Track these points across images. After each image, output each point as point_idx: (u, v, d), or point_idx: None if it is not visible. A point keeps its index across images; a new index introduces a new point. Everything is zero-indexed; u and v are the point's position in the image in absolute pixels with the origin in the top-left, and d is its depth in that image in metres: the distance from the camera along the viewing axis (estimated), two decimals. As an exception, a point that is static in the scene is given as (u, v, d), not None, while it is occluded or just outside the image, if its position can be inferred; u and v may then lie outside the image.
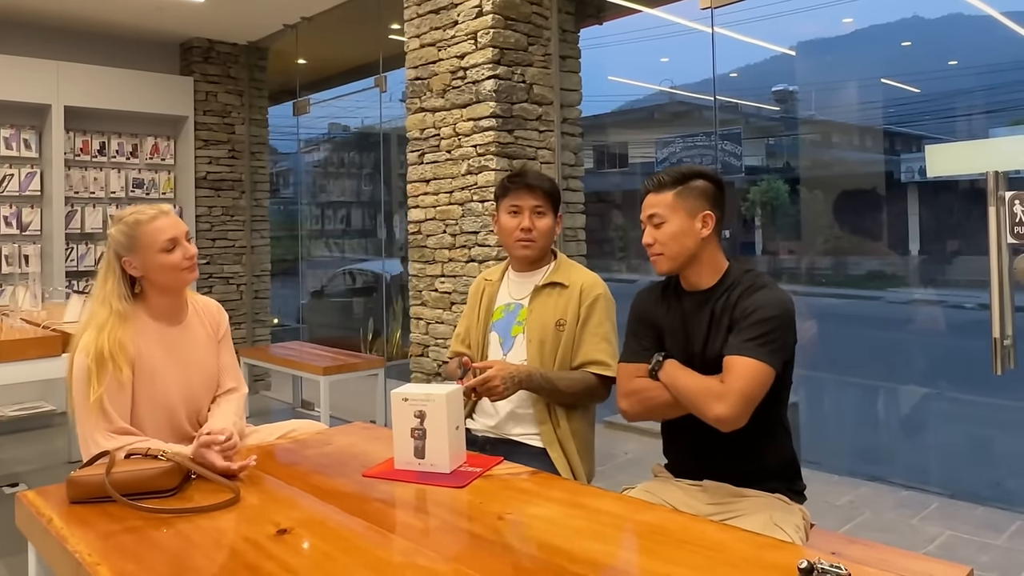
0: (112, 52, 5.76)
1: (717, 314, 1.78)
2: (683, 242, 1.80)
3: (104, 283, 1.97)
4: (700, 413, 1.69)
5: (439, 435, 1.71)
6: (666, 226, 1.80)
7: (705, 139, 8.16)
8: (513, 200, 2.28)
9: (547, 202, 2.27)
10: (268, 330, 6.63)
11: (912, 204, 9.66)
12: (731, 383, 1.66)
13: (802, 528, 1.73)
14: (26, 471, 4.12)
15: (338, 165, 14.25)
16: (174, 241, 1.95)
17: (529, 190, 2.26)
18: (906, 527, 3.32)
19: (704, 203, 1.81)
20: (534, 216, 2.25)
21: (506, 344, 2.28)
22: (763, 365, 1.66)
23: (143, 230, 1.93)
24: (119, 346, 1.87)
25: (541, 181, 2.30)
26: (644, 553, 1.37)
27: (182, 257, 1.96)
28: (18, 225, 5.38)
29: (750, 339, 1.68)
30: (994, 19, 6.25)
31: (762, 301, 1.72)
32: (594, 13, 4.28)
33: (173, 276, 1.97)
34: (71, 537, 1.41)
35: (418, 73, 4.09)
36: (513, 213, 2.28)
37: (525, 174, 2.33)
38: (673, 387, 1.76)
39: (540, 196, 2.26)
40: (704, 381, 1.72)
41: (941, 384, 6.59)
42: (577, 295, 2.21)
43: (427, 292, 4.05)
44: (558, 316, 2.20)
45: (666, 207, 1.81)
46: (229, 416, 2.00)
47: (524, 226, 2.25)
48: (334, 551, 1.33)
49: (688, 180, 1.82)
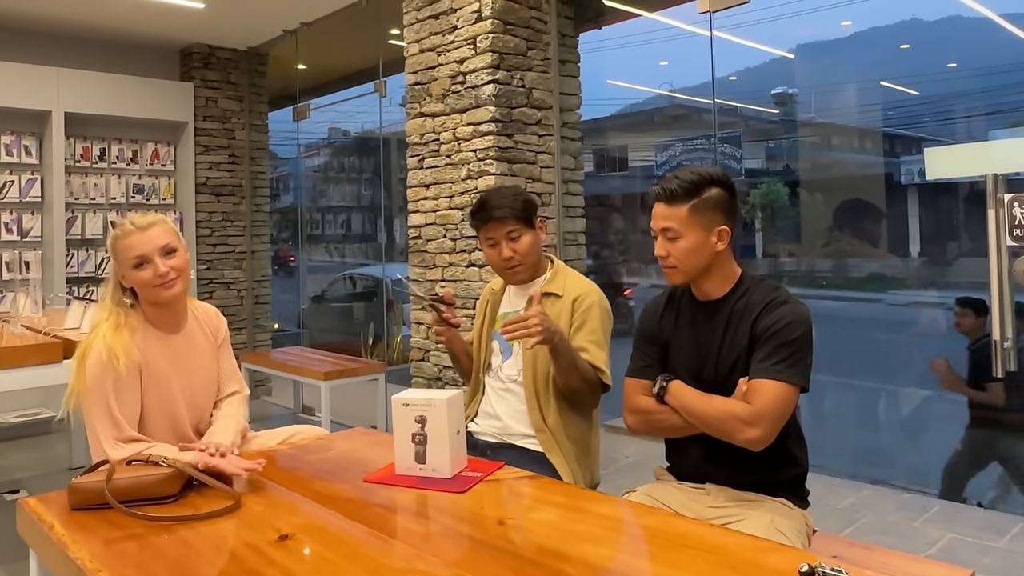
0: (112, 58, 5.77)
1: (732, 323, 1.76)
2: (698, 257, 1.77)
3: (108, 292, 1.99)
4: (727, 437, 1.67)
5: (440, 440, 1.71)
6: (681, 241, 1.76)
7: (705, 142, 8.17)
8: (486, 233, 2.24)
9: (519, 222, 2.21)
10: (269, 335, 6.63)
11: (912, 206, 9.66)
12: (761, 407, 1.63)
13: (804, 533, 1.73)
14: (27, 478, 4.12)
15: (338, 170, 14.27)
16: (142, 259, 1.91)
17: (496, 221, 2.20)
18: (908, 530, 3.32)
19: (719, 216, 1.77)
20: (511, 242, 2.21)
21: (505, 352, 2.28)
22: (792, 388, 1.66)
23: (117, 245, 1.94)
24: (125, 354, 1.87)
25: (504, 206, 2.21)
26: (645, 557, 1.37)
27: (152, 275, 1.92)
28: (19, 231, 5.38)
29: (778, 361, 1.66)
30: (993, 21, 6.26)
31: (787, 319, 1.69)
32: (593, 17, 4.29)
33: (147, 292, 1.95)
34: (72, 544, 1.41)
35: (418, 78, 4.10)
36: (491, 245, 2.24)
37: (487, 205, 2.23)
38: (687, 411, 1.74)
39: (508, 222, 2.20)
40: (725, 405, 1.69)
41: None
42: (570, 304, 2.19)
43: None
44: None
45: (681, 222, 1.75)
46: (229, 433, 1.98)
47: (504, 256, 2.22)
48: (335, 557, 1.33)
49: (701, 191, 1.75)
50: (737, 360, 1.74)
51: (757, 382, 1.66)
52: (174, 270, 1.95)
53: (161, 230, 1.96)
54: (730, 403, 1.69)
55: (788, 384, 1.65)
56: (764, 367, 1.67)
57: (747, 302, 1.77)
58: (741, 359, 1.74)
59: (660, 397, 1.79)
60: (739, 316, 1.76)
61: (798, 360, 1.67)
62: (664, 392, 1.78)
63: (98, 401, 1.85)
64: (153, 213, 2.03)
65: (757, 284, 1.80)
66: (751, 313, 1.74)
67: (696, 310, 1.84)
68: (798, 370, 1.67)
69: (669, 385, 1.78)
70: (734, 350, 1.75)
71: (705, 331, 1.81)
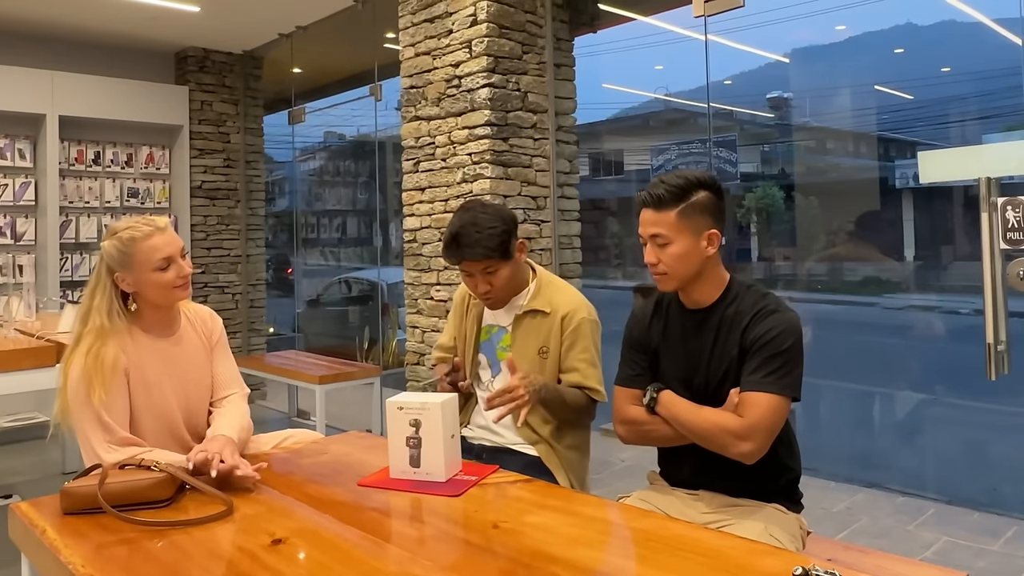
0: (107, 61, 5.76)
1: (722, 332, 1.75)
2: (689, 263, 1.74)
3: (91, 297, 1.93)
4: (721, 451, 1.66)
5: (434, 444, 1.71)
6: (671, 247, 1.73)
7: (700, 146, 8.19)
8: (461, 266, 2.14)
9: (492, 258, 2.08)
10: (264, 339, 6.62)
11: (907, 210, 9.70)
12: (754, 420, 1.62)
13: (798, 536, 1.73)
14: (19, 482, 4.10)
15: (334, 173, 14.27)
16: (169, 259, 1.92)
17: (468, 261, 2.10)
18: (903, 533, 3.32)
19: (708, 220, 1.74)
20: (487, 275, 2.12)
21: (494, 368, 2.25)
22: (784, 399, 1.65)
23: (138, 247, 1.90)
24: (109, 360, 1.85)
25: (476, 247, 2.07)
26: (639, 561, 1.37)
27: (176, 276, 1.93)
28: (12, 235, 5.37)
29: (769, 373, 1.65)
30: (986, 26, 6.29)
31: (777, 328, 1.68)
32: (588, 21, 4.29)
33: (165, 294, 1.95)
34: (65, 548, 1.40)
35: (413, 82, 4.10)
36: (467, 275, 2.16)
37: (458, 244, 2.09)
38: (678, 423, 1.72)
39: (482, 261, 2.09)
40: (717, 418, 1.67)
41: (937, 389, 6.61)
42: (559, 321, 2.14)
43: (423, 300, 4.05)
44: (540, 344, 2.16)
45: (670, 227, 1.72)
46: (233, 430, 1.93)
47: (481, 291, 2.16)
48: (329, 561, 1.33)
49: (689, 195, 1.72)
50: (728, 370, 1.73)
51: (748, 394, 1.65)
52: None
53: (174, 232, 2.00)
54: (722, 416, 1.67)
55: (780, 396, 1.64)
56: (755, 379, 1.66)
57: (736, 310, 1.75)
58: (732, 369, 1.72)
59: (651, 408, 1.77)
60: (728, 325, 1.75)
61: (789, 371, 1.66)
62: (655, 403, 1.76)
63: (86, 410, 1.82)
64: (151, 215, 2.03)
65: (746, 291, 1.78)
66: (741, 322, 1.73)
67: (685, 318, 1.83)
68: (789, 381, 1.65)
69: (660, 396, 1.76)
70: (724, 360, 1.74)
71: (695, 340, 1.79)
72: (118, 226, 1.95)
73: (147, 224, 1.94)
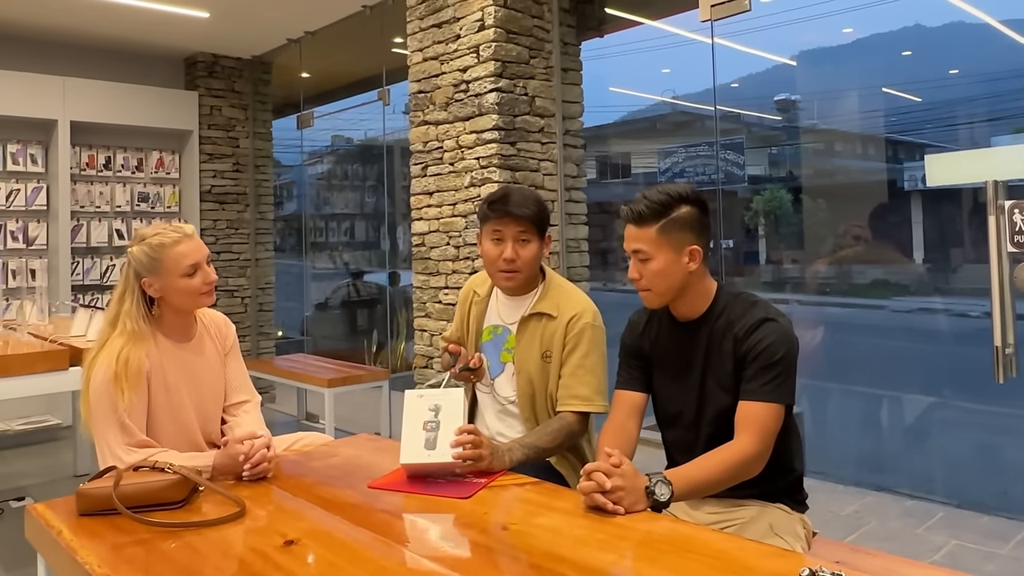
0: (117, 67, 5.81)
1: (714, 343, 1.76)
2: (671, 279, 1.75)
3: (120, 302, 1.97)
4: (746, 478, 1.66)
5: (452, 427, 1.76)
6: (652, 263, 1.74)
7: (707, 149, 8.18)
8: (495, 226, 2.11)
9: (532, 228, 2.10)
10: (272, 343, 6.65)
11: (916, 212, 9.66)
12: (763, 436, 1.64)
13: (803, 536, 1.74)
14: (32, 485, 4.13)
15: (342, 177, 14.29)
16: (196, 266, 1.97)
17: (512, 217, 2.09)
18: (911, 536, 3.32)
19: (689, 235, 1.74)
20: (518, 244, 2.10)
21: (494, 368, 2.24)
22: (780, 407, 1.68)
23: (167, 253, 1.94)
24: (136, 363, 1.89)
25: (525, 207, 2.10)
26: (648, 563, 1.38)
27: (202, 282, 1.98)
28: (24, 239, 5.42)
29: (767, 382, 1.67)
30: (994, 28, 6.28)
31: (770, 338, 1.69)
32: (595, 26, 4.31)
33: (190, 300, 1.99)
34: (81, 549, 1.42)
35: (421, 86, 4.12)
36: (496, 240, 2.12)
37: (508, 199, 2.11)
38: (704, 489, 1.65)
39: (524, 223, 2.09)
40: (730, 457, 1.63)
41: (946, 393, 6.57)
42: (564, 326, 2.12)
43: (431, 304, 4.07)
44: (544, 348, 2.14)
45: (650, 243, 1.74)
46: (258, 425, 2.04)
47: (507, 256, 2.10)
48: (340, 562, 1.34)
49: (670, 211, 1.73)
50: (722, 380, 1.74)
51: (749, 404, 1.68)
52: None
53: (200, 239, 2.04)
54: (731, 452, 1.65)
55: (777, 405, 1.68)
56: (753, 388, 1.68)
57: (727, 321, 1.76)
58: (726, 380, 1.74)
59: (665, 507, 1.58)
60: (720, 336, 1.76)
61: (785, 380, 1.68)
62: (672, 498, 1.58)
63: (111, 412, 1.86)
64: (179, 222, 2.07)
65: (734, 300, 1.78)
66: (733, 333, 1.74)
67: (676, 329, 1.84)
68: (785, 389, 1.69)
69: (673, 492, 1.58)
70: (718, 371, 1.75)
71: (688, 351, 1.81)
72: (146, 232, 1.99)
73: (175, 231, 1.98)
